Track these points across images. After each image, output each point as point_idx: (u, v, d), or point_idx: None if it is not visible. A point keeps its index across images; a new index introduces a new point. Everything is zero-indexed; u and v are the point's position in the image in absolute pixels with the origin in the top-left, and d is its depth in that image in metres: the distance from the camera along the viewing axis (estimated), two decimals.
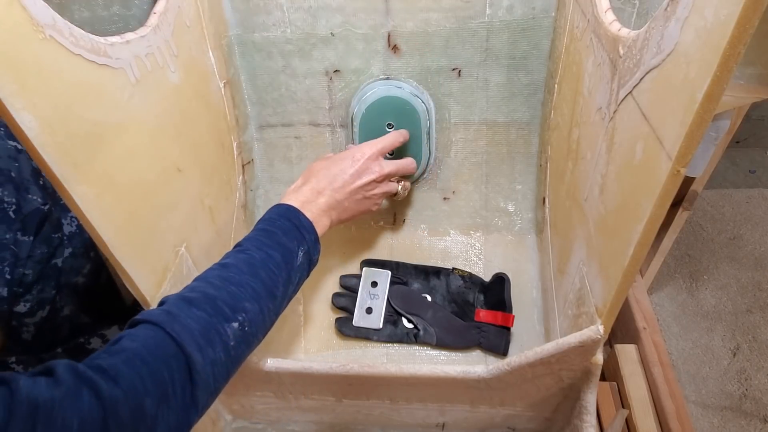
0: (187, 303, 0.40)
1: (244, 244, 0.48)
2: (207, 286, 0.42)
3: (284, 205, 0.55)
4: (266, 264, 0.46)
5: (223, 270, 0.44)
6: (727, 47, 0.26)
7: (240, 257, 0.46)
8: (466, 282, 0.76)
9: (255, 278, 0.45)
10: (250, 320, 0.42)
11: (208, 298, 0.41)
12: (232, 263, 0.45)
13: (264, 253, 0.47)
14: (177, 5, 0.57)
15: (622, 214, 0.41)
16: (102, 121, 0.42)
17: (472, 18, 0.68)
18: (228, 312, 0.41)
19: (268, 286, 0.45)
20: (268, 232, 0.50)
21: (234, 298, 0.42)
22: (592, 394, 0.53)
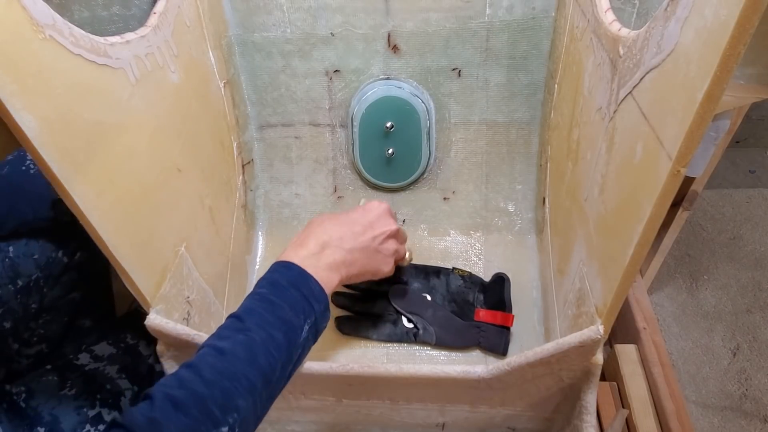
0: (173, 407, 0.36)
1: (245, 320, 0.44)
2: (198, 382, 0.38)
3: (292, 266, 0.49)
4: (267, 347, 0.42)
5: (219, 359, 0.40)
6: (727, 47, 0.26)
7: (239, 339, 0.42)
8: (465, 282, 0.76)
9: (252, 367, 0.41)
10: (242, 419, 0.39)
11: (197, 400, 0.37)
12: (229, 349, 0.41)
13: (266, 334, 0.43)
14: (177, 5, 0.57)
15: (622, 214, 0.41)
16: (102, 121, 0.42)
17: (472, 18, 0.68)
18: (218, 415, 0.38)
19: (266, 374, 0.42)
20: (273, 306, 0.45)
21: (226, 396, 0.39)
22: (592, 394, 0.53)
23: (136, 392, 0.66)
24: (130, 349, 0.69)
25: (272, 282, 0.47)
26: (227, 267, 0.70)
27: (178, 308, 0.53)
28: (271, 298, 0.46)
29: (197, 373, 0.39)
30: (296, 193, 0.83)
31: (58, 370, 0.64)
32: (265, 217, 0.84)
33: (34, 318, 0.65)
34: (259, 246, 0.83)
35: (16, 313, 0.63)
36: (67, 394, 0.62)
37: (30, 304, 0.63)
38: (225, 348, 0.41)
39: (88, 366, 0.66)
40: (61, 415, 0.60)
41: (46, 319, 0.65)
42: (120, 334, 0.70)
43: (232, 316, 0.45)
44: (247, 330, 0.43)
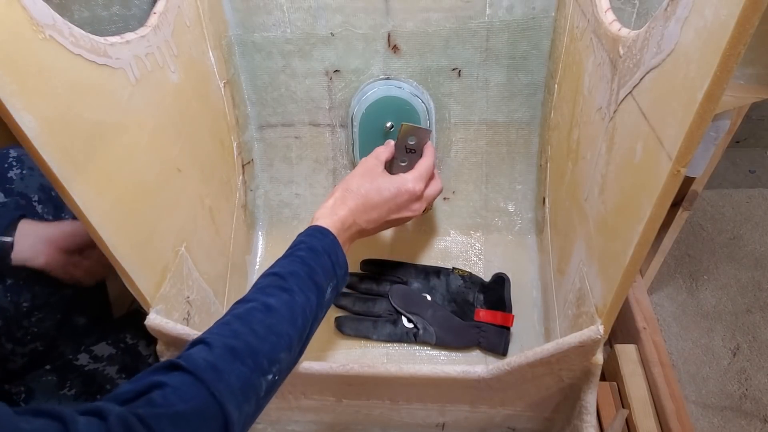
0: (232, 355, 0.40)
1: (288, 280, 0.48)
2: (251, 335, 0.42)
3: (328, 234, 0.54)
4: (304, 310, 0.47)
5: (267, 315, 0.44)
6: (727, 47, 0.26)
7: (284, 299, 0.46)
8: (465, 282, 0.76)
9: (293, 326, 0.45)
10: (282, 370, 0.44)
11: (251, 351, 0.41)
12: (276, 307, 0.45)
13: (304, 297, 0.47)
14: (177, 5, 0.57)
15: (622, 214, 0.41)
16: (102, 121, 0.42)
17: (472, 18, 0.68)
18: (266, 365, 0.42)
19: (301, 333, 0.46)
20: (311, 270, 0.50)
21: (273, 349, 0.43)
22: (592, 394, 0.53)
23: None
24: (130, 349, 0.69)
25: (312, 248, 0.52)
26: (227, 267, 0.70)
27: (178, 308, 0.53)
28: (311, 264, 0.50)
29: (249, 326, 0.43)
30: (296, 193, 0.83)
31: (58, 371, 0.64)
32: (265, 217, 0.84)
33: (26, 316, 0.65)
34: (259, 246, 0.83)
35: (7, 311, 0.63)
36: (66, 394, 0.62)
37: (21, 303, 0.63)
38: (272, 305, 0.45)
39: (88, 366, 0.66)
40: None
41: (39, 317, 0.65)
42: (119, 334, 0.70)
43: (275, 274, 0.48)
44: (291, 291, 0.47)
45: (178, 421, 0.35)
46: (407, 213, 0.63)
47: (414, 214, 0.63)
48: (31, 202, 0.68)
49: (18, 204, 0.67)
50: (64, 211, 0.72)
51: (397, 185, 0.61)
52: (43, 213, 0.69)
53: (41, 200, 0.69)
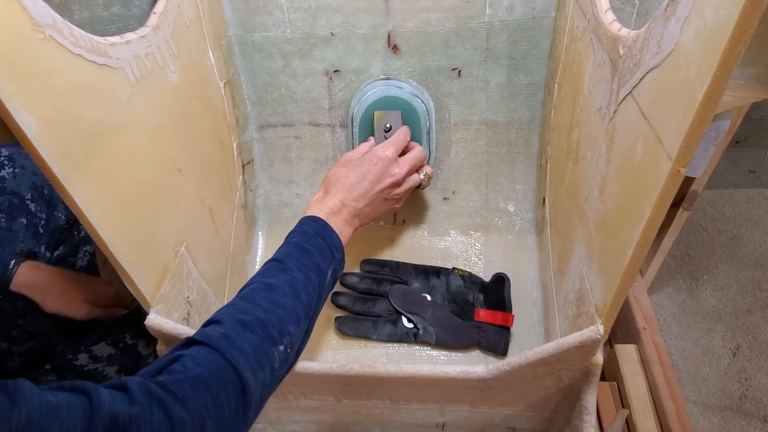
0: (242, 327, 0.42)
1: (285, 262, 0.50)
2: (258, 310, 0.44)
3: (318, 219, 0.56)
4: (306, 287, 0.49)
5: (271, 292, 0.46)
6: (727, 47, 0.26)
7: (284, 278, 0.48)
8: (465, 282, 0.76)
9: (297, 301, 0.47)
10: (292, 342, 0.45)
11: (260, 323, 0.43)
12: (277, 285, 0.47)
13: (304, 275, 0.49)
14: (177, 5, 0.57)
15: (622, 214, 0.41)
16: (102, 121, 0.42)
17: (472, 18, 0.68)
18: (276, 336, 0.43)
19: (307, 309, 0.48)
20: (306, 251, 0.52)
21: (281, 322, 0.44)
22: (592, 394, 0.53)
23: None
24: (130, 349, 0.69)
25: (302, 233, 0.54)
26: (227, 267, 0.70)
27: (178, 308, 0.53)
28: (305, 245, 0.52)
29: (254, 303, 0.45)
30: (296, 193, 0.83)
31: (57, 371, 0.64)
32: (265, 217, 0.84)
33: (22, 315, 0.65)
34: (259, 246, 0.83)
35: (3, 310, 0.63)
36: None
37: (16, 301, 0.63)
38: (273, 284, 0.47)
39: (87, 366, 0.66)
40: None
41: (34, 315, 0.65)
42: (119, 334, 0.70)
43: (272, 260, 0.51)
44: (289, 270, 0.49)
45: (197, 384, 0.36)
46: (389, 179, 0.64)
47: (396, 178, 0.64)
48: (24, 201, 0.68)
49: (11, 203, 0.67)
50: (58, 209, 0.72)
51: (367, 156, 0.64)
52: (36, 211, 0.69)
53: (34, 198, 0.69)
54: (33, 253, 0.65)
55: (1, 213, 0.66)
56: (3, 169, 0.68)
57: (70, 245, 0.74)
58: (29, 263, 0.62)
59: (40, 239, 0.69)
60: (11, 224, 0.66)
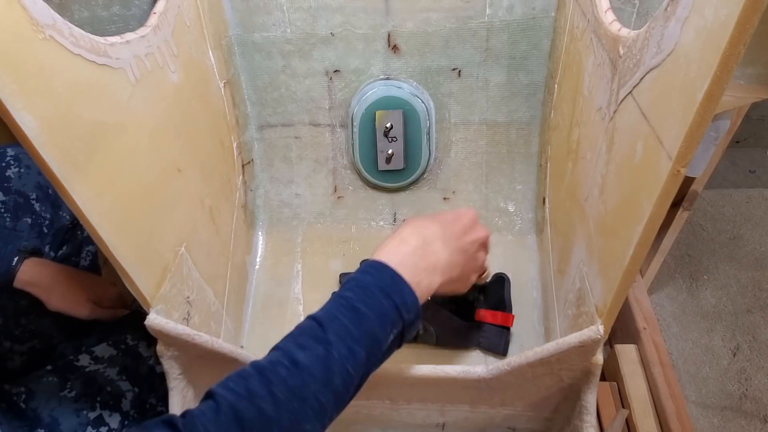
0: (237, 424, 0.34)
1: (326, 328, 0.39)
2: (267, 400, 0.35)
3: (386, 268, 0.43)
4: (345, 366, 0.38)
5: (293, 373, 0.36)
6: (727, 47, 0.26)
7: (318, 353, 0.38)
8: None
9: (326, 389, 0.37)
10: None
11: (263, 422, 0.34)
12: (305, 364, 0.37)
13: (346, 350, 0.38)
14: (177, 5, 0.57)
15: (622, 214, 0.41)
16: (102, 121, 0.42)
17: (472, 18, 0.68)
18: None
19: (339, 395, 0.38)
20: (359, 316, 0.40)
21: (294, 419, 0.35)
22: (592, 394, 0.53)
23: (137, 394, 0.66)
24: (131, 350, 0.69)
25: (361, 286, 0.42)
26: (227, 267, 0.70)
27: (178, 308, 0.53)
28: (358, 306, 0.40)
29: (268, 386, 0.36)
30: (296, 193, 0.83)
31: (59, 371, 0.64)
32: (265, 217, 0.84)
33: (24, 314, 0.65)
34: (259, 246, 0.83)
35: (6, 309, 0.63)
36: (67, 395, 0.62)
37: (19, 301, 0.63)
38: (301, 361, 0.37)
39: (89, 367, 0.66)
40: (60, 416, 0.60)
41: (37, 315, 0.66)
42: (120, 335, 0.70)
43: (313, 318, 0.40)
44: (328, 342, 0.38)
45: None
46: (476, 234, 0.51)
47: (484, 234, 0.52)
48: (29, 201, 0.68)
49: (16, 202, 0.67)
50: (62, 209, 0.72)
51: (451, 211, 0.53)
52: (41, 211, 0.69)
53: (39, 198, 0.69)
54: (37, 250, 0.65)
55: (6, 213, 0.66)
56: (8, 169, 0.68)
57: (73, 245, 0.74)
58: (33, 260, 0.62)
59: (44, 239, 0.69)
60: (16, 224, 0.66)
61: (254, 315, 0.77)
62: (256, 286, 0.79)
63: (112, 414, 0.63)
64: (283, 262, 0.81)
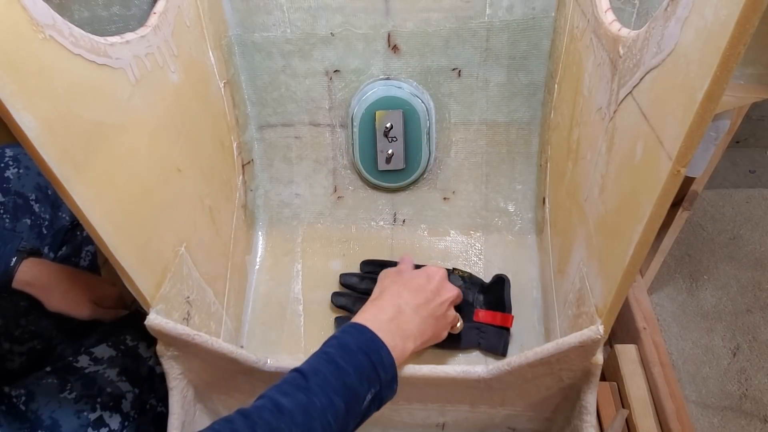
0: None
1: (309, 379, 0.42)
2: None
3: (367, 332, 0.48)
4: (325, 414, 0.41)
5: (277, 417, 0.39)
6: (727, 47, 0.26)
7: (300, 400, 0.41)
8: (465, 282, 0.76)
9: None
10: None
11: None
12: (288, 409, 0.40)
13: (327, 399, 0.41)
14: (177, 5, 0.57)
15: (622, 214, 0.41)
16: (102, 121, 0.42)
17: (472, 18, 0.68)
18: None
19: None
20: (340, 370, 0.43)
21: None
22: (592, 394, 0.53)
23: (137, 395, 0.66)
24: (130, 351, 0.69)
25: (342, 345, 0.46)
26: (227, 267, 0.70)
27: (178, 308, 0.53)
28: (339, 362, 0.44)
29: (252, 428, 0.38)
30: (296, 193, 0.83)
31: (58, 373, 0.64)
32: (265, 217, 0.84)
33: (24, 315, 0.65)
34: (259, 246, 0.83)
35: (6, 310, 0.63)
36: (67, 397, 0.62)
37: (19, 301, 0.63)
38: (284, 406, 0.40)
39: (88, 369, 0.66)
40: (61, 418, 0.60)
41: (36, 315, 0.66)
42: (120, 336, 0.70)
43: (297, 370, 0.44)
44: (309, 391, 0.41)
45: None
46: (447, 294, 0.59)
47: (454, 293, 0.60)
48: (28, 201, 0.68)
49: (15, 203, 0.67)
50: (61, 209, 0.72)
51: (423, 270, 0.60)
52: (40, 212, 0.69)
53: (38, 199, 0.69)
54: (37, 250, 0.65)
55: (6, 214, 0.66)
56: (7, 169, 0.68)
57: (73, 246, 0.74)
58: (32, 260, 0.62)
59: (43, 240, 0.69)
60: (15, 225, 0.66)
61: (254, 315, 0.77)
62: (256, 286, 0.79)
63: (112, 415, 0.63)
64: (283, 262, 0.81)
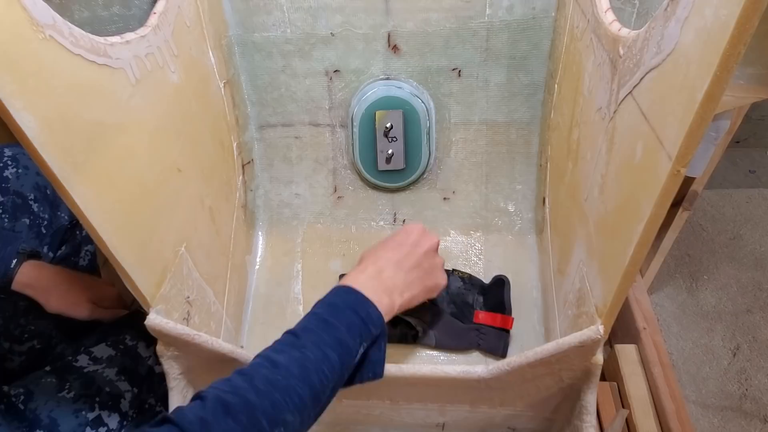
0: (224, 410, 0.37)
1: (301, 337, 0.44)
2: (250, 391, 0.39)
3: (351, 290, 0.50)
4: (320, 367, 0.42)
5: (272, 371, 0.41)
6: (727, 47, 0.26)
7: (294, 356, 0.42)
8: (465, 283, 0.76)
9: (304, 384, 0.41)
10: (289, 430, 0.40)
11: (247, 407, 0.38)
12: (283, 363, 0.41)
13: (321, 353, 0.43)
14: (177, 5, 0.57)
15: (622, 214, 0.41)
16: (102, 121, 0.42)
17: (472, 18, 0.68)
18: (265, 425, 0.38)
19: (316, 393, 0.42)
20: (330, 326, 0.45)
21: (276, 408, 0.39)
22: (592, 394, 0.53)
23: (136, 394, 0.66)
24: (130, 350, 0.69)
25: (330, 304, 0.48)
26: (227, 267, 0.70)
27: (178, 308, 0.53)
28: (328, 319, 0.46)
29: (250, 381, 0.40)
30: (296, 193, 0.83)
31: (57, 372, 0.64)
32: (265, 217, 0.84)
33: (23, 314, 0.65)
34: (259, 246, 0.83)
35: (5, 310, 0.63)
36: (65, 396, 0.62)
37: (18, 301, 0.63)
38: (279, 361, 0.42)
39: (87, 368, 0.66)
40: (59, 417, 0.60)
41: (36, 315, 0.66)
42: (119, 336, 0.70)
43: (289, 332, 0.45)
44: (303, 347, 0.43)
45: None
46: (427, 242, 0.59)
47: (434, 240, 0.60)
48: (27, 201, 0.68)
49: (14, 203, 0.67)
50: (60, 209, 0.72)
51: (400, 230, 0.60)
52: (39, 212, 0.69)
53: (37, 199, 0.69)
54: (36, 252, 0.65)
55: (5, 213, 0.66)
56: (6, 169, 0.68)
57: (72, 245, 0.74)
58: (32, 263, 0.62)
59: (42, 239, 0.69)
60: (14, 224, 0.66)
61: (254, 315, 0.77)
62: (256, 286, 0.79)
63: (111, 414, 0.63)
64: (283, 262, 0.81)
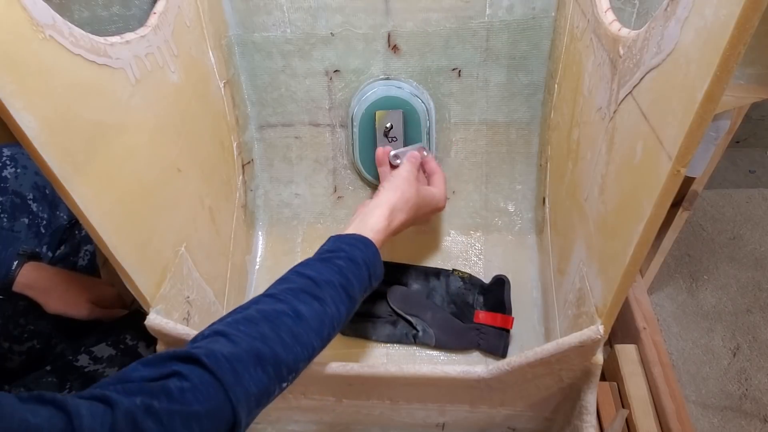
0: (256, 361, 0.39)
1: (322, 289, 0.47)
2: (279, 344, 0.41)
3: (370, 245, 0.53)
4: (332, 322, 0.46)
5: (297, 324, 0.43)
6: (727, 47, 0.26)
7: (315, 309, 0.45)
8: (465, 283, 0.76)
9: (319, 338, 0.45)
10: (297, 377, 0.44)
11: (276, 361, 0.41)
12: (307, 316, 0.44)
13: (335, 309, 0.47)
14: (177, 5, 0.57)
15: (622, 214, 0.41)
16: (102, 121, 0.42)
17: (472, 18, 0.68)
18: (285, 374, 0.41)
19: (325, 344, 0.46)
20: (348, 282, 0.48)
21: (296, 360, 0.42)
22: (592, 394, 0.53)
23: None
24: (130, 350, 0.69)
25: (352, 258, 0.51)
26: (227, 267, 0.70)
27: (178, 308, 0.53)
28: (349, 276, 0.49)
29: (277, 332, 0.42)
30: (296, 193, 0.83)
31: (58, 372, 0.64)
32: (265, 217, 0.84)
33: (23, 314, 0.65)
34: (259, 246, 0.83)
35: (5, 310, 0.63)
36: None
37: (18, 301, 0.63)
38: (303, 314, 0.44)
39: (88, 368, 0.66)
40: None
41: (35, 315, 0.66)
42: (119, 335, 0.70)
43: (309, 278, 0.47)
44: (323, 301, 0.46)
45: (190, 422, 0.34)
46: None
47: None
48: (26, 201, 0.68)
49: (13, 203, 0.67)
50: (59, 209, 0.72)
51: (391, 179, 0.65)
52: (38, 211, 0.69)
53: (36, 199, 0.69)
54: (36, 253, 0.65)
55: (3, 213, 0.66)
56: (5, 169, 0.68)
57: (71, 245, 0.74)
58: (32, 264, 0.62)
59: (41, 239, 0.69)
60: (13, 224, 0.66)
61: None
62: (256, 286, 0.79)
63: None
64: (283, 262, 0.81)
